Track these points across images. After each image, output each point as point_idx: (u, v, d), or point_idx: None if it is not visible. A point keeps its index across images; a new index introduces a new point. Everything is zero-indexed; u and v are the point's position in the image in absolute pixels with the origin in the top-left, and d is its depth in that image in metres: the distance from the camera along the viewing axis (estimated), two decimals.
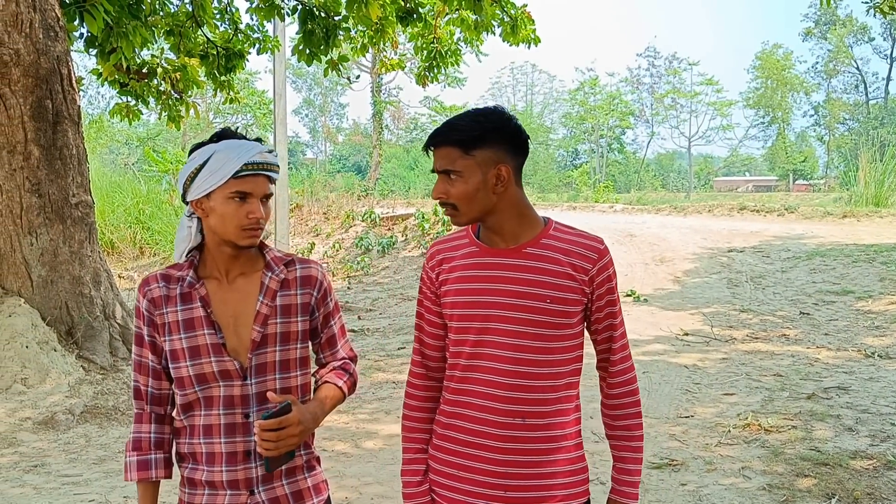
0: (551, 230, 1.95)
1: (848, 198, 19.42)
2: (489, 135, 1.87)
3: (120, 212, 18.04)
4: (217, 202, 1.88)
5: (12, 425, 5.94)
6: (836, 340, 7.97)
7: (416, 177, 43.77)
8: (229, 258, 1.96)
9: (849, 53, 53.00)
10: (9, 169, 6.86)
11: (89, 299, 7.25)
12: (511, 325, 1.90)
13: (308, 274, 2.03)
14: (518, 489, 1.92)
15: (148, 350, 1.99)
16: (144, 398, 2.01)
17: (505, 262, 1.93)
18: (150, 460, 1.98)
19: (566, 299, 1.90)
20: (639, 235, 14.26)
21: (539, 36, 10.32)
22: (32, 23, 6.73)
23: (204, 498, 1.94)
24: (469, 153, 1.86)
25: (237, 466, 1.92)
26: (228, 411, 1.92)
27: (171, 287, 1.96)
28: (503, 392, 1.91)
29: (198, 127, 45.77)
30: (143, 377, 2.00)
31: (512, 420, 1.91)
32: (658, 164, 65.90)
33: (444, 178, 1.90)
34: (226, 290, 1.97)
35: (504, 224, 1.93)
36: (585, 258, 1.91)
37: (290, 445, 1.85)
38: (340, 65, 10.84)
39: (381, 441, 5.59)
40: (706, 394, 6.43)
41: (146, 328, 1.98)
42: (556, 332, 1.91)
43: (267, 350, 1.95)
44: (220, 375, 1.91)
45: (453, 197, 1.89)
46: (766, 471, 4.71)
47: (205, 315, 1.93)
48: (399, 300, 12.03)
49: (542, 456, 1.92)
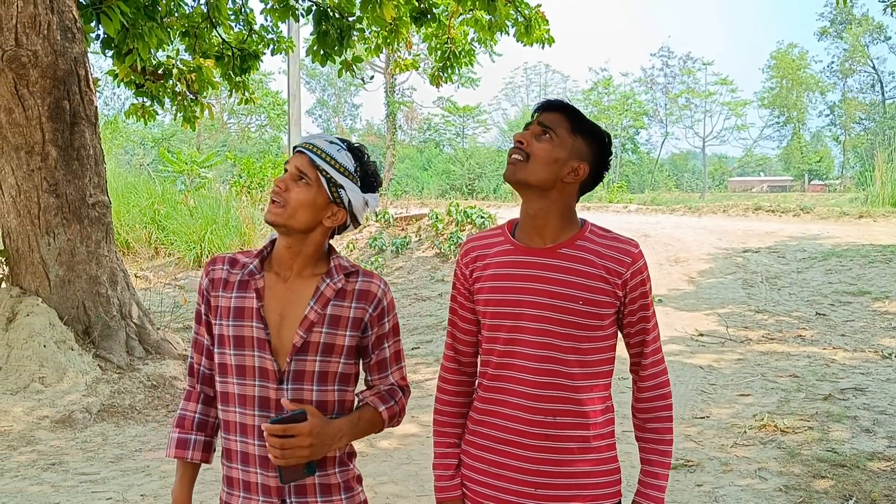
0: (587, 232, 1.97)
1: (864, 198, 19.26)
2: (596, 136, 1.96)
3: (135, 212, 18.12)
4: None
5: (30, 424, 6.00)
6: (853, 341, 7.92)
7: (430, 177, 43.79)
8: (287, 253, 1.91)
9: (865, 53, 52.57)
10: (27, 169, 6.91)
11: (106, 299, 7.30)
12: (542, 323, 1.91)
13: (367, 289, 1.94)
14: (548, 486, 1.93)
15: (204, 329, 1.97)
16: (196, 376, 2.00)
17: (539, 261, 1.94)
18: (189, 440, 1.96)
19: (598, 301, 1.90)
20: (653, 236, 14.21)
21: (553, 36, 10.30)
22: (50, 24, 6.79)
23: (239, 500, 1.91)
24: (574, 132, 1.93)
25: (269, 472, 1.86)
26: (263, 413, 1.87)
27: (234, 272, 1.94)
28: (534, 390, 1.92)
29: (212, 128, 46.03)
30: (197, 355, 2.00)
31: (543, 418, 1.92)
32: (672, 164, 65.61)
33: (536, 130, 1.93)
34: (281, 288, 1.92)
35: (549, 218, 1.94)
36: (619, 262, 1.92)
37: (300, 457, 1.78)
38: (354, 65, 10.87)
39: (396, 441, 5.60)
40: (721, 394, 6.40)
41: (203, 306, 1.96)
42: (587, 332, 1.91)
43: (307, 358, 1.88)
44: (259, 372, 1.87)
45: (534, 149, 1.91)
46: (783, 472, 4.69)
47: (256, 307, 1.88)
48: (413, 300, 12.03)
49: (573, 455, 1.93)
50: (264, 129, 51.97)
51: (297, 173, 1.87)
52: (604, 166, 1.99)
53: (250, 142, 50.61)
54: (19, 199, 7.00)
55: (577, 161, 1.92)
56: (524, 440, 1.93)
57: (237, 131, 52.06)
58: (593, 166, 1.96)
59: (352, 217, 1.93)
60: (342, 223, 1.94)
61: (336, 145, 1.90)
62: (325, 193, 1.87)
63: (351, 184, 1.89)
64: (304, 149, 1.88)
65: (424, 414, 6.22)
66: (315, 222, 1.89)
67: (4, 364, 6.64)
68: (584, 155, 1.93)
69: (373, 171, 1.95)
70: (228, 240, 16.86)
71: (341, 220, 1.92)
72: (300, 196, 1.85)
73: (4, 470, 5.13)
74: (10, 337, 6.75)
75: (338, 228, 1.95)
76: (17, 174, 6.93)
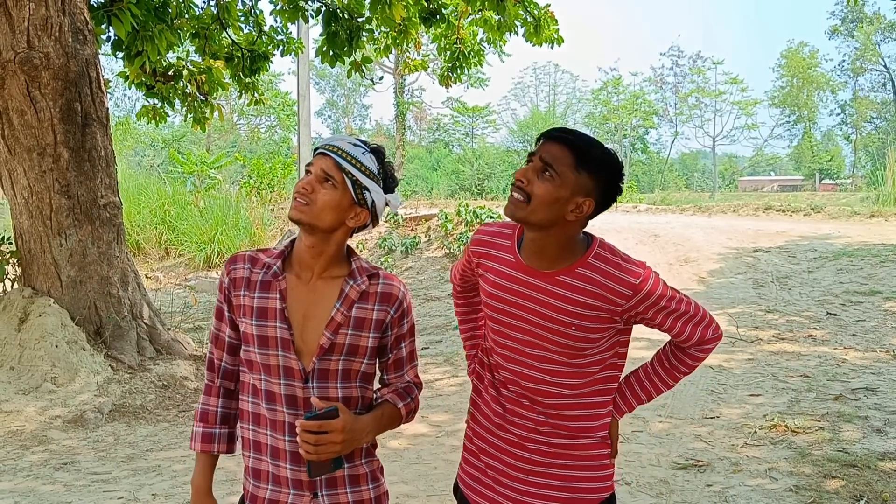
0: (590, 257, 1.91)
1: (875, 197, 19.16)
2: (602, 168, 1.86)
3: (146, 213, 18.21)
4: None
5: (43, 423, 6.03)
6: (864, 341, 7.88)
7: (439, 177, 43.82)
8: (309, 253, 1.93)
9: (876, 51, 52.27)
10: (39, 171, 6.96)
11: (117, 299, 7.33)
12: (534, 339, 1.94)
13: (389, 291, 1.98)
14: (539, 475, 1.98)
15: (226, 325, 2.00)
16: (216, 371, 2.04)
17: (537, 284, 1.93)
18: (214, 434, 2.01)
19: (591, 328, 1.90)
20: (663, 235, 14.18)
21: (562, 36, 10.29)
22: (62, 27, 6.83)
23: (268, 493, 1.95)
24: (578, 168, 1.83)
25: (301, 467, 1.91)
26: (292, 411, 1.90)
27: (255, 271, 1.96)
28: (530, 394, 1.96)
29: (222, 129, 46.16)
30: (218, 350, 2.03)
31: (536, 416, 1.96)
32: (682, 163, 65.47)
33: (537, 168, 1.86)
34: (303, 289, 1.95)
35: (548, 247, 1.91)
36: (618, 294, 1.88)
37: (332, 452, 1.83)
38: (364, 66, 10.89)
39: (406, 441, 5.61)
40: (732, 394, 6.38)
41: (225, 304, 1.99)
42: (580, 352, 1.93)
43: (332, 358, 1.92)
44: (284, 371, 1.90)
45: (534, 189, 1.85)
46: (793, 472, 4.67)
47: (280, 308, 1.91)
48: (422, 300, 12.04)
49: (566, 449, 1.97)
50: (274, 130, 52.14)
51: (322, 175, 1.88)
52: (614, 193, 1.90)
53: (260, 143, 50.78)
54: (31, 201, 7.05)
55: (581, 198, 1.84)
56: (516, 430, 1.99)
57: (247, 132, 52.24)
58: (600, 197, 1.88)
59: (373, 217, 1.96)
60: (363, 224, 1.97)
61: (360, 147, 1.92)
62: (349, 195, 1.89)
63: (375, 185, 1.92)
64: (329, 151, 1.90)
65: (434, 414, 6.23)
66: (339, 223, 1.92)
67: (17, 364, 6.68)
68: (589, 191, 1.85)
69: (392, 172, 1.99)
70: (238, 240, 16.92)
71: (363, 221, 1.95)
72: (326, 198, 1.88)
73: (17, 469, 5.17)
74: (22, 337, 6.80)
75: (356, 228, 1.98)
76: (30, 175, 6.98)
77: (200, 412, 2.03)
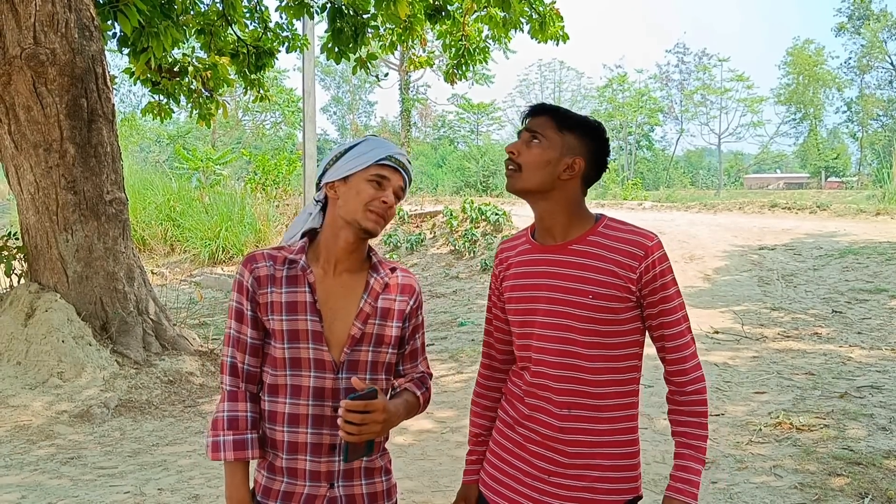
0: (601, 227, 1.97)
1: (881, 195, 19.09)
2: (585, 129, 1.96)
3: (151, 209, 18.24)
4: (354, 183, 1.94)
5: (49, 418, 6.06)
6: (870, 339, 7.87)
7: (444, 174, 43.79)
8: (343, 249, 1.98)
9: (883, 49, 52.06)
10: (45, 167, 6.98)
11: (123, 295, 7.36)
12: (558, 318, 1.94)
13: (408, 283, 2.08)
14: (560, 476, 1.95)
15: (248, 326, 1.97)
16: (240, 375, 1.98)
17: (551, 258, 1.97)
18: (246, 440, 1.95)
19: (608, 295, 1.90)
20: (668, 233, 14.17)
21: (567, 33, 10.28)
22: (68, 23, 6.84)
23: (283, 486, 1.95)
24: (561, 130, 1.93)
25: (321, 458, 1.92)
26: (317, 402, 1.92)
27: (278, 268, 1.97)
28: (554, 384, 1.95)
29: (227, 125, 46.19)
30: (240, 353, 1.98)
31: (557, 410, 1.95)
32: (687, 161, 65.31)
33: (525, 137, 1.96)
34: (330, 282, 1.98)
35: (556, 217, 1.97)
36: (631, 255, 1.92)
37: (373, 433, 1.83)
38: (369, 62, 10.89)
39: (412, 437, 5.62)
40: (737, 392, 6.38)
41: (248, 303, 1.96)
42: (602, 327, 1.92)
43: (361, 349, 1.96)
44: (315, 364, 1.92)
45: (524, 157, 1.94)
46: (798, 469, 4.67)
47: (311, 301, 1.93)
48: (427, 297, 12.05)
49: (588, 448, 1.94)
50: (279, 127, 52.12)
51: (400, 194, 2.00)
52: (603, 155, 1.99)
53: (265, 139, 50.79)
54: (38, 196, 7.07)
55: (570, 157, 1.93)
56: (539, 428, 1.97)
57: (252, 128, 52.23)
58: (590, 158, 1.96)
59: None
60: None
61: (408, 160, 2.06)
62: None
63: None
64: (401, 169, 2.00)
65: (439, 410, 6.24)
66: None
67: (24, 359, 6.71)
68: (577, 149, 1.94)
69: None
70: (244, 236, 16.94)
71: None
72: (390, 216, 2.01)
73: (24, 463, 5.19)
74: (29, 332, 6.83)
75: None
76: (36, 171, 7.00)
77: (228, 419, 1.94)
